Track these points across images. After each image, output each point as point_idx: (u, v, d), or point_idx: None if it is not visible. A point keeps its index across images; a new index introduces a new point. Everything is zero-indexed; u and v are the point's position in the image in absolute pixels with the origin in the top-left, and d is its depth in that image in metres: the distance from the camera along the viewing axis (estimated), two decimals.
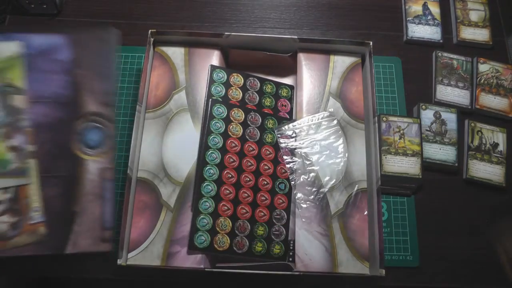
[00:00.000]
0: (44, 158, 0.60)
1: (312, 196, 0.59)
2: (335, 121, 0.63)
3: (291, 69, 0.69)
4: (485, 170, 0.68)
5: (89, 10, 0.78)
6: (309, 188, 0.60)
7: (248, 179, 0.60)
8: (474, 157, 0.69)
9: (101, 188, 0.60)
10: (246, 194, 0.60)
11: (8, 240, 0.57)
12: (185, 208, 0.58)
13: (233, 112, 0.63)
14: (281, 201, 0.61)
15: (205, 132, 0.60)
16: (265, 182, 0.61)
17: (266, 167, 0.62)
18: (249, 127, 0.63)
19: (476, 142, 0.70)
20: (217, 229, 0.57)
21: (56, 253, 0.58)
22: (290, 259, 0.59)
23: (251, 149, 0.62)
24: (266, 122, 0.64)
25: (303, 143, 0.62)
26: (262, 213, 0.60)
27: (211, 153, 0.60)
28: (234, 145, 0.61)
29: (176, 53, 0.66)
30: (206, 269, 0.55)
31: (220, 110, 0.62)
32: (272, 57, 0.68)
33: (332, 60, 0.67)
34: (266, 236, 0.59)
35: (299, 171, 0.61)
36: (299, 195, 0.59)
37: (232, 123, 0.62)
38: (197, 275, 0.62)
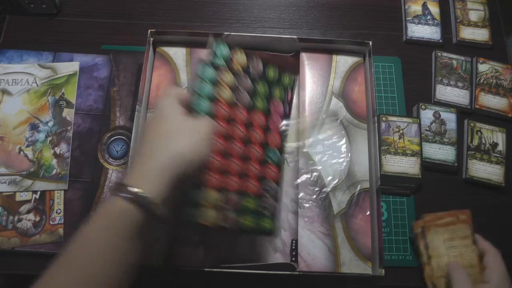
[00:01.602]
0: (73, 164, 0.66)
1: (315, 196, 0.59)
2: (338, 121, 0.63)
3: (294, 69, 0.69)
4: (485, 170, 0.69)
5: (89, 10, 0.78)
6: (311, 187, 0.60)
7: (237, 147, 0.55)
8: (474, 157, 0.69)
9: None
10: (235, 164, 0.54)
11: (30, 237, 0.61)
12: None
13: (222, 76, 0.55)
14: (271, 171, 0.56)
15: (192, 93, 0.53)
16: (256, 151, 0.55)
17: (257, 135, 0.56)
18: (240, 92, 0.56)
19: (475, 142, 0.70)
20: (205, 202, 0.51)
21: None
22: (293, 259, 0.59)
23: (241, 115, 0.56)
24: (257, 88, 0.58)
25: (306, 142, 0.62)
26: (252, 185, 0.54)
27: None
28: (223, 110, 0.54)
29: (177, 54, 0.66)
30: (206, 269, 0.55)
31: (209, 72, 0.55)
32: (275, 57, 0.68)
33: (334, 60, 0.67)
34: (256, 210, 0.53)
35: (303, 170, 0.61)
36: (301, 194, 0.59)
37: (221, 87, 0.55)
38: (197, 275, 0.62)
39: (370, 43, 0.65)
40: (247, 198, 0.53)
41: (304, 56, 0.67)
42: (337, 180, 0.60)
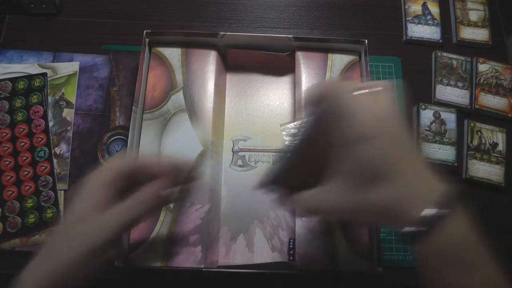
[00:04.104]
0: (73, 164, 0.66)
1: None
2: None
3: (290, 68, 0.69)
4: (485, 170, 0.68)
5: (89, 10, 0.78)
6: None
7: (8, 162, 0.64)
8: (474, 157, 0.69)
9: None
10: (9, 176, 0.63)
11: (30, 237, 0.62)
12: (184, 208, 0.58)
13: None
14: (43, 167, 0.64)
15: None
16: (25, 157, 0.64)
17: (23, 143, 0.65)
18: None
19: (475, 142, 0.70)
20: None
21: None
22: (291, 258, 0.59)
23: (5, 134, 0.65)
24: (14, 104, 0.67)
25: None
26: (28, 187, 0.63)
27: None
28: None
29: (173, 54, 0.66)
30: (204, 269, 0.55)
31: None
32: (271, 56, 0.68)
33: (330, 58, 0.67)
34: (37, 206, 0.62)
35: None
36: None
37: None
38: (196, 275, 0.62)
39: (366, 41, 0.65)
40: (26, 199, 0.63)
41: (299, 55, 0.67)
42: None
